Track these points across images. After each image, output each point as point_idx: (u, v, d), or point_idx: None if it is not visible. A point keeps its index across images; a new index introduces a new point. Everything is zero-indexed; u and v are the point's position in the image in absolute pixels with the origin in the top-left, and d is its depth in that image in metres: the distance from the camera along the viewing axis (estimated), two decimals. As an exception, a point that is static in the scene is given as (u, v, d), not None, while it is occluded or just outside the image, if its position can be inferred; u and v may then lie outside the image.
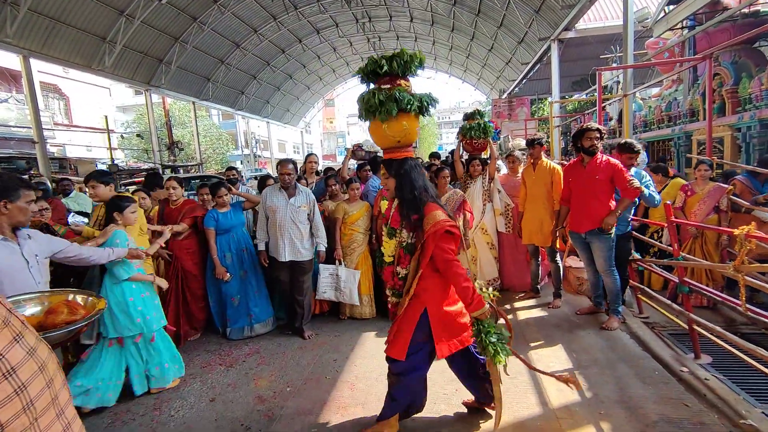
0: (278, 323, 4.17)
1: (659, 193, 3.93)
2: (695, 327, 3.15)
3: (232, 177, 5.46)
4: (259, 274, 4.05)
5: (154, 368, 2.95)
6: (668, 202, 3.35)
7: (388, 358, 2.26)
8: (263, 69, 22.35)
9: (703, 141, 5.89)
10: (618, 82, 12.48)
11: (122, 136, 23.28)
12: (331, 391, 2.89)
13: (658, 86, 10.36)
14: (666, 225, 3.30)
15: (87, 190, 3.74)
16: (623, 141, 3.98)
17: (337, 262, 4.14)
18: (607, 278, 3.71)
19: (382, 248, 2.46)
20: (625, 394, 2.65)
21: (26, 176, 13.26)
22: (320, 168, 6.76)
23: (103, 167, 18.27)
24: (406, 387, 2.25)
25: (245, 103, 23.30)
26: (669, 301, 3.51)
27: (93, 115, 21.04)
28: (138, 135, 22.61)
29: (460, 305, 2.19)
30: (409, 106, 2.12)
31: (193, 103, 19.43)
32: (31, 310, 1.45)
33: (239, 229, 4.01)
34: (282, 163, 3.79)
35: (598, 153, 3.59)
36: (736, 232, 2.49)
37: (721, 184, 4.12)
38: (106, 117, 17.33)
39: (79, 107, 21.34)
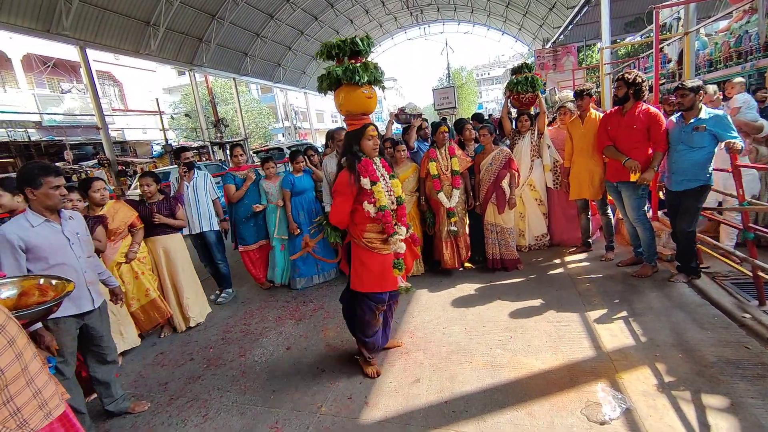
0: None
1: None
2: (760, 273, 3.07)
3: (191, 160, 4.45)
4: None
5: None
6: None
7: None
8: (298, 39, 22.33)
9: (778, 77, 5.36)
10: (678, 19, 11.25)
11: (172, 117, 24.45)
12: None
13: (726, 19, 9.27)
14: (731, 170, 3.15)
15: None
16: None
17: None
18: (638, 227, 3.69)
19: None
20: (682, 338, 2.69)
21: (94, 160, 14.52)
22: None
23: (158, 148, 19.50)
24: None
25: (282, 75, 23.56)
26: (732, 249, 3.40)
27: (143, 98, 22.26)
28: (186, 115, 23.69)
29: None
30: (347, 79, 2.50)
31: (234, 79, 19.94)
32: (7, 293, 1.61)
33: (310, 193, 4.49)
34: (337, 131, 4.34)
35: (640, 102, 3.48)
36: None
37: None
38: (157, 99, 18.22)
39: (131, 92, 22.61)
